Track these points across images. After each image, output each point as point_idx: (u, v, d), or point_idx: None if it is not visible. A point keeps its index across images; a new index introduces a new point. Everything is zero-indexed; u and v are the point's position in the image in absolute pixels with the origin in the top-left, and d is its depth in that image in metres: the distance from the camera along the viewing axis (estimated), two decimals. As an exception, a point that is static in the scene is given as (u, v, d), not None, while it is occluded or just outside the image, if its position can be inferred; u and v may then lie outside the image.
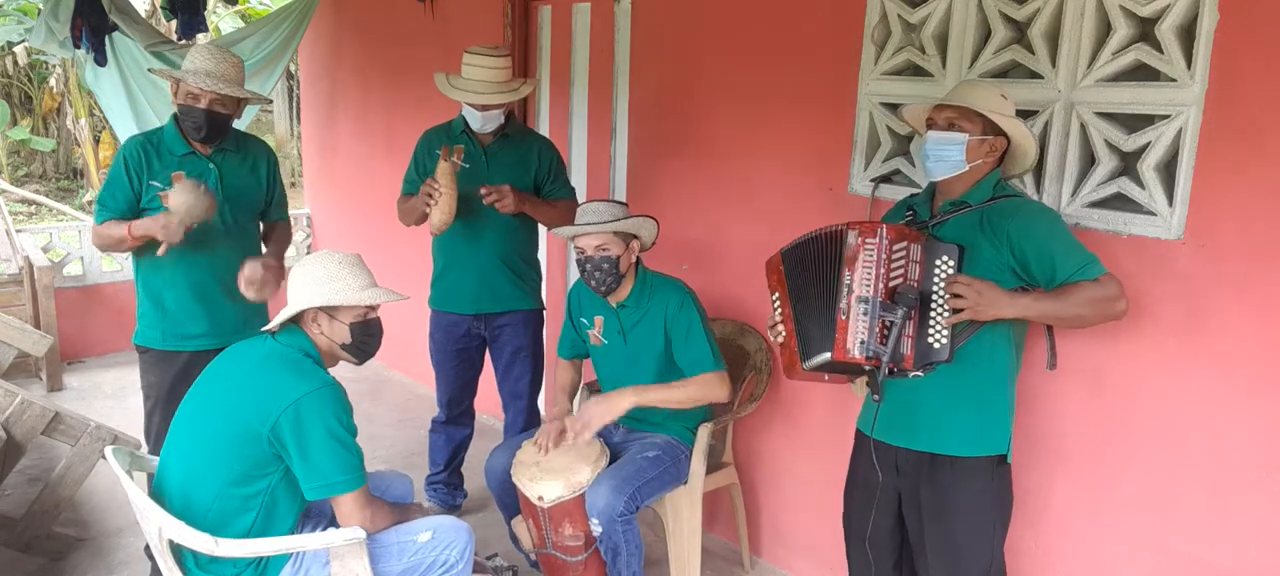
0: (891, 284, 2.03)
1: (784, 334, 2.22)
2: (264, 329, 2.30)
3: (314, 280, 2.22)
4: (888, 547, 2.37)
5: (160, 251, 2.72)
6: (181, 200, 2.65)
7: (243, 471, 2.11)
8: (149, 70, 3.29)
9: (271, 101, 3.16)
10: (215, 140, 2.86)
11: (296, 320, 2.27)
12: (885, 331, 2.01)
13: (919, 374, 2.08)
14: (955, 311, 2.03)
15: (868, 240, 2.05)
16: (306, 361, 2.21)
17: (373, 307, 2.30)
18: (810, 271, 2.18)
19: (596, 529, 2.56)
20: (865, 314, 2.02)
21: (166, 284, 2.88)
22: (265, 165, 3.03)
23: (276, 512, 2.17)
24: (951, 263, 2.06)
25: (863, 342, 2.02)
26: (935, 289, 2.05)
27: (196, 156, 2.86)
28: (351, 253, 2.33)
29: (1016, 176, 2.31)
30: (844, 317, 2.04)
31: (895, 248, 2.04)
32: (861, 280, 2.03)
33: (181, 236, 2.68)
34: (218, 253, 2.88)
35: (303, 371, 2.17)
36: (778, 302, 2.26)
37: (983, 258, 2.10)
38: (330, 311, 2.24)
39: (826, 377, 2.24)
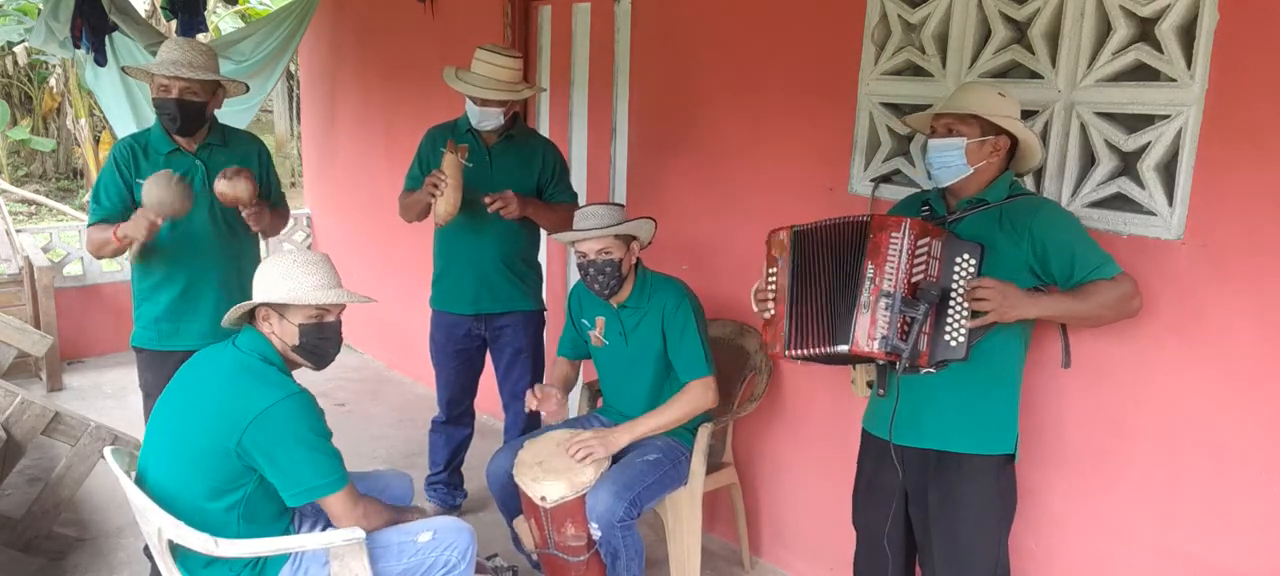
0: (913, 280, 2.03)
1: (773, 312, 2.19)
2: (223, 323, 2.25)
3: (268, 277, 2.18)
4: (902, 546, 2.37)
5: (134, 250, 2.70)
6: (153, 193, 2.62)
7: (215, 486, 2.09)
8: (122, 68, 3.27)
9: (247, 88, 3.15)
10: (192, 131, 2.84)
11: (251, 321, 2.22)
12: (906, 327, 2.01)
13: (932, 370, 2.08)
14: (976, 315, 2.03)
15: (893, 235, 2.04)
16: (270, 370, 2.15)
17: (328, 310, 2.21)
18: (825, 258, 2.15)
19: (596, 533, 2.56)
20: (887, 308, 2.01)
21: (161, 284, 2.87)
22: (256, 158, 3.00)
23: (257, 517, 2.14)
24: (973, 261, 2.05)
25: (884, 337, 2.01)
26: (955, 286, 2.05)
27: (182, 154, 2.85)
28: (320, 253, 2.27)
29: (1023, 174, 2.31)
30: (865, 311, 2.03)
31: (918, 243, 2.04)
32: (884, 274, 2.02)
33: (149, 233, 2.65)
34: (211, 252, 2.89)
35: (267, 381, 2.11)
36: (774, 277, 2.21)
37: (1002, 255, 2.10)
38: (280, 310, 2.17)
39: (801, 361, 2.19)
